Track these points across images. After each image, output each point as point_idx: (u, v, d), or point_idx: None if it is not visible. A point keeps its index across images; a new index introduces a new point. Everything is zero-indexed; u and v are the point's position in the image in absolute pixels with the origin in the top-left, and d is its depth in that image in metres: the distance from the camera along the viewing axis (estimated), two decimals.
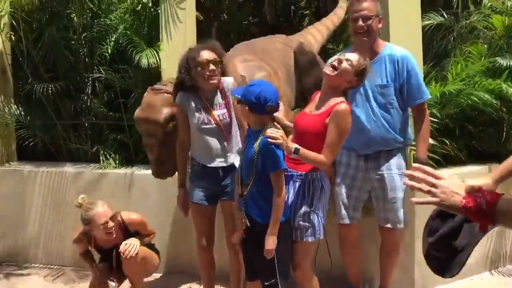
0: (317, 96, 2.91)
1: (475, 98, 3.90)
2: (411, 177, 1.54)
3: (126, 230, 3.36)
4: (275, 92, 2.65)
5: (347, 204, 3.19)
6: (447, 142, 3.95)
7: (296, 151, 2.61)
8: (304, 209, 2.76)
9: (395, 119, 3.14)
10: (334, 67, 2.73)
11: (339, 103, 2.71)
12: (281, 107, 2.95)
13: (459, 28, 4.76)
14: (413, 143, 3.32)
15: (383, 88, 3.11)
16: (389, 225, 3.19)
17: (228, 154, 3.10)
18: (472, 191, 1.48)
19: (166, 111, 3.21)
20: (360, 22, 3.06)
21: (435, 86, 3.94)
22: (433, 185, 1.50)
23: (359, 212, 3.28)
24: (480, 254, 3.88)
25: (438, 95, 3.92)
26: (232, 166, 3.07)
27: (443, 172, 3.14)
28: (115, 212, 3.30)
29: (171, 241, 4.06)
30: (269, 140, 2.55)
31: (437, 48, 4.84)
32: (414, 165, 1.57)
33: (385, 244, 3.30)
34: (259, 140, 2.63)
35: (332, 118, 2.68)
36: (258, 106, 2.59)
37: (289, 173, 2.74)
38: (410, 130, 3.27)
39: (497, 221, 1.44)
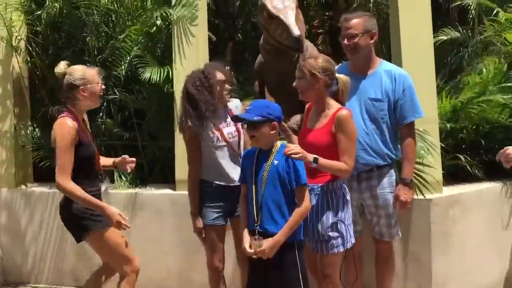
0: (312, 109, 2.96)
1: (486, 111, 3.86)
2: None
3: None
4: None
5: None
6: (462, 158, 3.89)
7: (315, 160, 2.64)
8: (331, 220, 2.78)
9: (386, 134, 3.12)
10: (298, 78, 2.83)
11: (339, 110, 2.76)
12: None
13: (474, 43, 4.71)
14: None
15: (376, 101, 3.10)
16: (385, 238, 3.24)
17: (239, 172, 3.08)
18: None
19: None
20: (346, 41, 3.10)
21: (447, 100, 3.91)
22: None
23: (360, 224, 3.28)
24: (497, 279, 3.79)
25: (451, 109, 3.89)
26: None
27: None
28: None
29: (184, 262, 4.04)
30: (293, 156, 2.56)
31: (451, 64, 4.80)
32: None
33: (381, 255, 3.31)
34: (271, 158, 2.65)
35: (337, 126, 2.74)
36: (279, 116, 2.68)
37: (309, 187, 2.72)
38: (399, 147, 3.22)
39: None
